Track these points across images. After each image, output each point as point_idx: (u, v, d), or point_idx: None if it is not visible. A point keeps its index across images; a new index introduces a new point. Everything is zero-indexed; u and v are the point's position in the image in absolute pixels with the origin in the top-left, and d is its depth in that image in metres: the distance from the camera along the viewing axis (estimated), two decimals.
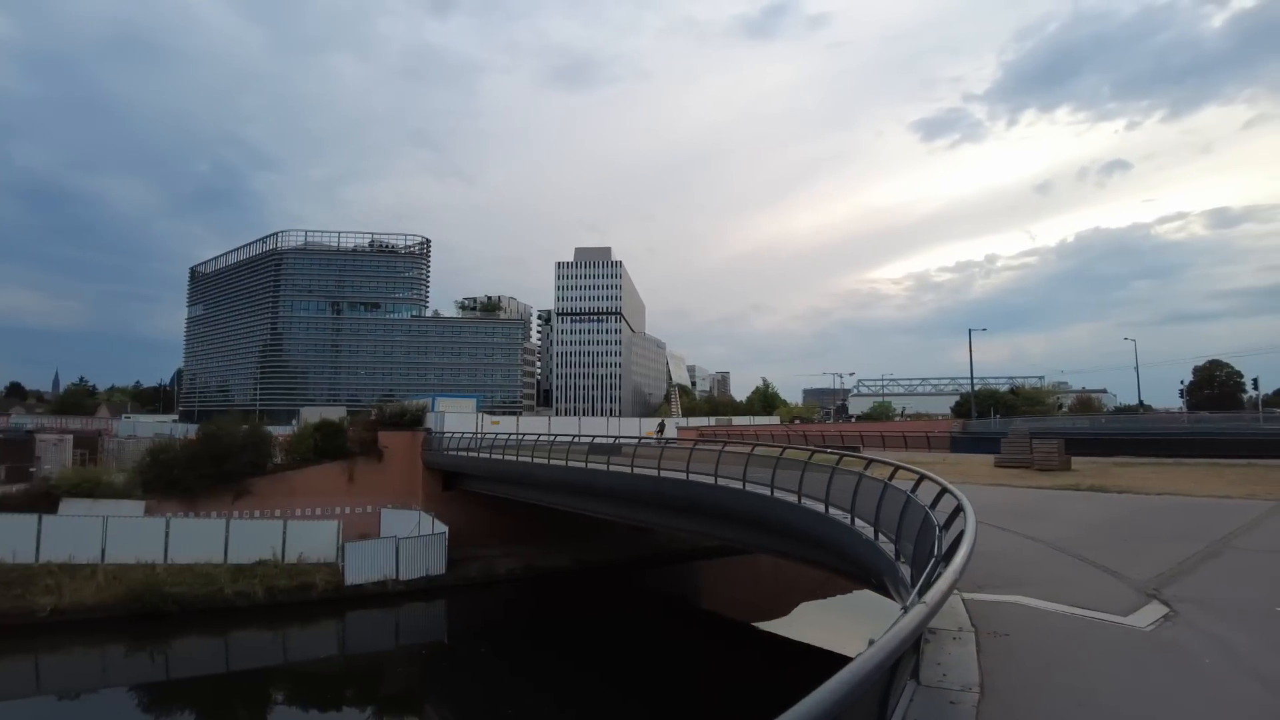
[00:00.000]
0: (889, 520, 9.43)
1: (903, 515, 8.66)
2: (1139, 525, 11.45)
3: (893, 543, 9.01)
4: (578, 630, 31.49)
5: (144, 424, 68.70)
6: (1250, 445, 30.98)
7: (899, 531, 8.73)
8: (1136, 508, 13.42)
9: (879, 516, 9.91)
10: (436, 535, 36.32)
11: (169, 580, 33.69)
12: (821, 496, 12.94)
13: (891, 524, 9.25)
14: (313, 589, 34.57)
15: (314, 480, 41.17)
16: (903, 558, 8.32)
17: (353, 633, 33.73)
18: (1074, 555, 8.89)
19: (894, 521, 9.09)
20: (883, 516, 9.74)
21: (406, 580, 35.36)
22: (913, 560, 7.50)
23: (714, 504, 17.71)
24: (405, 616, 34.72)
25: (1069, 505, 14.15)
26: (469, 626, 34.04)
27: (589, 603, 35.56)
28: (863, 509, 11.08)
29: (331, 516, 39.96)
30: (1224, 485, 15.94)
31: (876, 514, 10.00)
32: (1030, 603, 6.78)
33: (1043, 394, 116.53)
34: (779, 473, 15.19)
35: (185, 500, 38.82)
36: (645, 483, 20.57)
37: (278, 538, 36.53)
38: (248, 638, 32.62)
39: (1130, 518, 12.04)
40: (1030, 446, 23.00)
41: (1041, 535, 10.32)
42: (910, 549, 8.19)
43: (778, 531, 15.36)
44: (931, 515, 7.37)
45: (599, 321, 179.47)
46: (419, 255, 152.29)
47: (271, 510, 39.80)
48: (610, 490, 22.95)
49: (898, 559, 8.53)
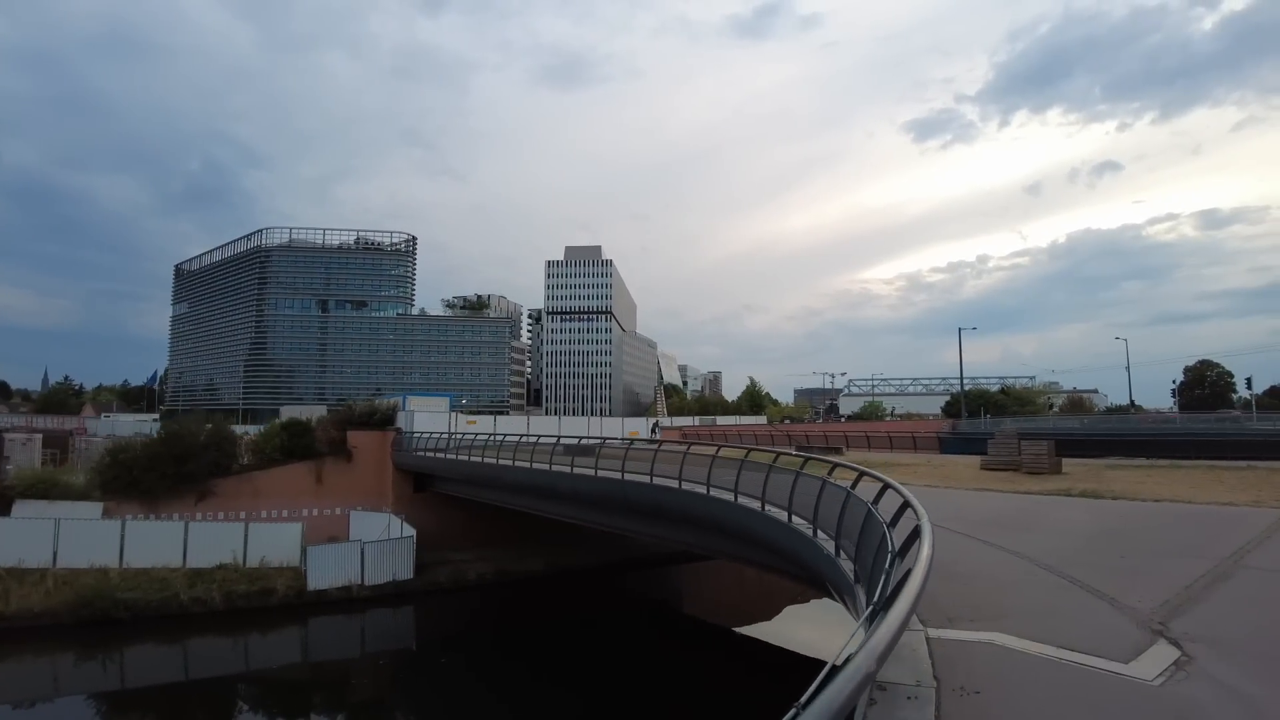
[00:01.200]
0: (850, 533, 8.17)
1: (862, 531, 7.40)
2: (1137, 538, 10.20)
3: (852, 561, 7.76)
4: (549, 638, 30.22)
5: (123, 423, 66.93)
6: (1246, 446, 29.93)
7: (857, 549, 7.48)
8: (1133, 517, 12.16)
9: (840, 529, 8.67)
10: (404, 539, 34.96)
11: (122, 585, 32.31)
12: (785, 503, 11.63)
13: (852, 537, 7.98)
14: (273, 594, 33.23)
15: (280, 481, 39.72)
16: (860, 581, 7.05)
17: (315, 640, 32.41)
18: (1064, 576, 7.64)
19: (854, 535, 7.83)
20: (844, 529, 8.49)
21: (372, 585, 34.02)
22: (867, 588, 6.23)
23: (679, 509, 16.46)
24: (370, 623, 33.37)
25: (1059, 513, 12.87)
26: (436, 634, 32.73)
27: (563, 609, 34.27)
28: (824, 519, 9.80)
29: (298, 519, 38.57)
30: (1225, 491, 14.72)
31: (838, 526, 8.78)
32: (1010, 643, 5.51)
33: (1033, 394, 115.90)
34: (744, 475, 13.89)
35: (146, 502, 37.36)
36: (609, 486, 19.31)
37: (239, 541, 35.13)
38: (204, 645, 31.29)
39: (1127, 529, 10.78)
40: (1019, 448, 21.76)
41: (1027, 550, 9.07)
42: (869, 565, 6.89)
43: (741, 539, 14.14)
44: (890, 536, 6.07)
45: (589, 321, 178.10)
46: (405, 253, 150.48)
47: (236, 512, 38.41)
48: (575, 493, 21.68)
49: (857, 582, 7.26)
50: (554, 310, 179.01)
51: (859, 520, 7.61)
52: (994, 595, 6.98)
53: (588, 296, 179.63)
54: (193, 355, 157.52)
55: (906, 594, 4.03)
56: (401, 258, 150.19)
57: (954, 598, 6.88)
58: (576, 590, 36.15)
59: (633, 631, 31.49)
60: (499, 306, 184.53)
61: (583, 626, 32.00)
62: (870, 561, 6.55)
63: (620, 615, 33.94)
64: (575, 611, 34.08)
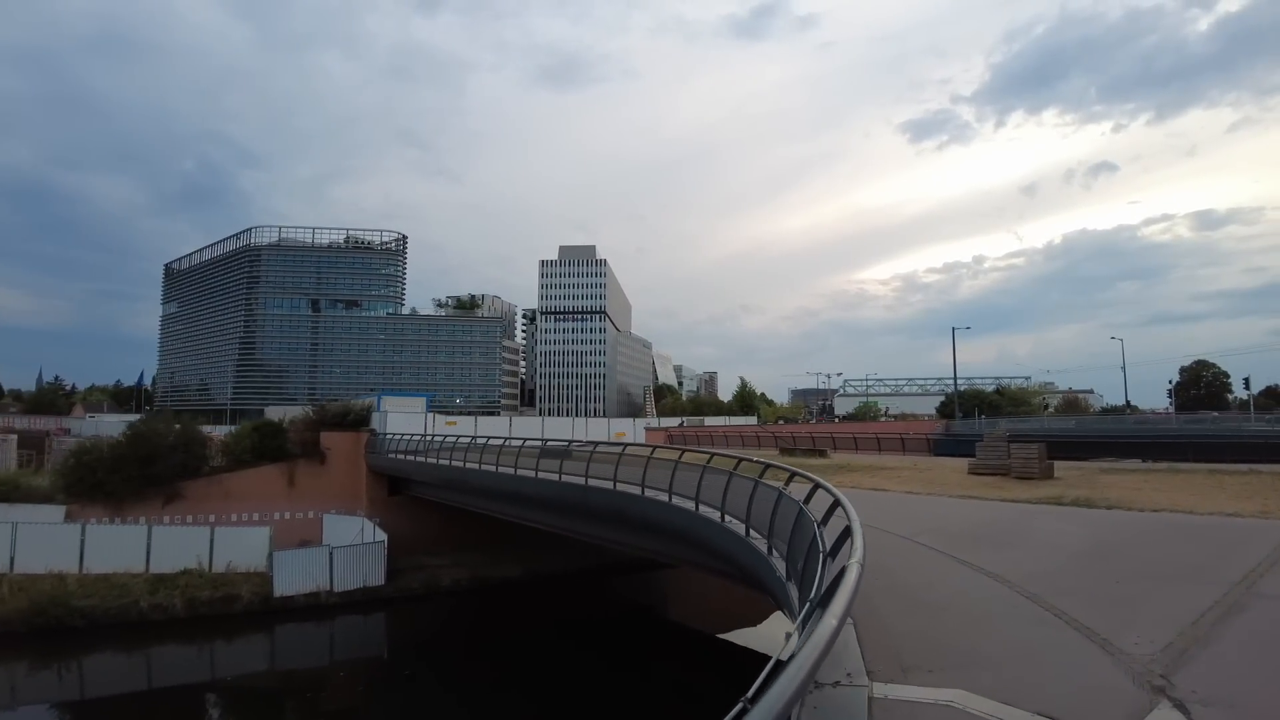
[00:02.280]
0: (782, 534, 7.15)
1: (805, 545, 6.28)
2: (1134, 556, 8.98)
3: (797, 586, 6.63)
4: (523, 646, 29.05)
5: (107, 423, 65.48)
6: (1246, 449, 28.83)
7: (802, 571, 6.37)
8: (1129, 530, 11.02)
9: (791, 547, 7.51)
10: (375, 544, 33.80)
11: (80, 592, 31.13)
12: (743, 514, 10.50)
13: (784, 540, 6.96)
14: (238, 601, 32.08)
15: (251, 483, 38.50)
16: (799, 603, 5.97)
17: (281, 648, 31.30)
18: (1049, 608, 6.49)
19: (787, 538, 6.82)
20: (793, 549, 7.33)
21: (342, 591, 32.83)
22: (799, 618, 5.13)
23: (640, 516, 15.30)
24: (339, 631, 32.21)
25: (1047, 525, 11.62)
26: (408, 642, 31.56)
27: (540, 615, 33.10)
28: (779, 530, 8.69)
29: (270, 522, 37.40)
30: (1229, 499, 13.54)
31: (790, 543, 7.60)
32: (975, 705, 4.34)
33: (1028, 394, 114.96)
34: (706, 481, 12.75)
35: (111, 505, 36.12)
36: (572, 492, 18.14)
37: (204, 545, 33.94)
38: (166, 654, 30.23)
39: (1122, 544, 9.62)
40: (1008, 451, 20.56)
41: (1009, 572, 7.91)
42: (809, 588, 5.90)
43: (703, 548, 12.98)
44: (820, 538, 4.90)
45: (583, 320, 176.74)
46: (396, 252, 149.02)
47: (206, 515, 37.20)
48: (539, 499, 20.53)
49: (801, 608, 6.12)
50: (547, 310, 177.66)
51: (805, 537, 6.50)
52: (964, 633, 5.84)
53: (582, 296, 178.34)
54: (183, 355, 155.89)
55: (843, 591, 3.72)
56: (392, 257, 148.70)
57: (916, 637, 5.73)
58: (555, 596, 34.98)
59: (612, 638, 30.34)
60: (493, 306, 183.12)
61: (559, 633, 30.87)
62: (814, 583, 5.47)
63: (600, 622, 32.77)
64: (553, 618, 32.92)
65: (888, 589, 7.38)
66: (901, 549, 9.65)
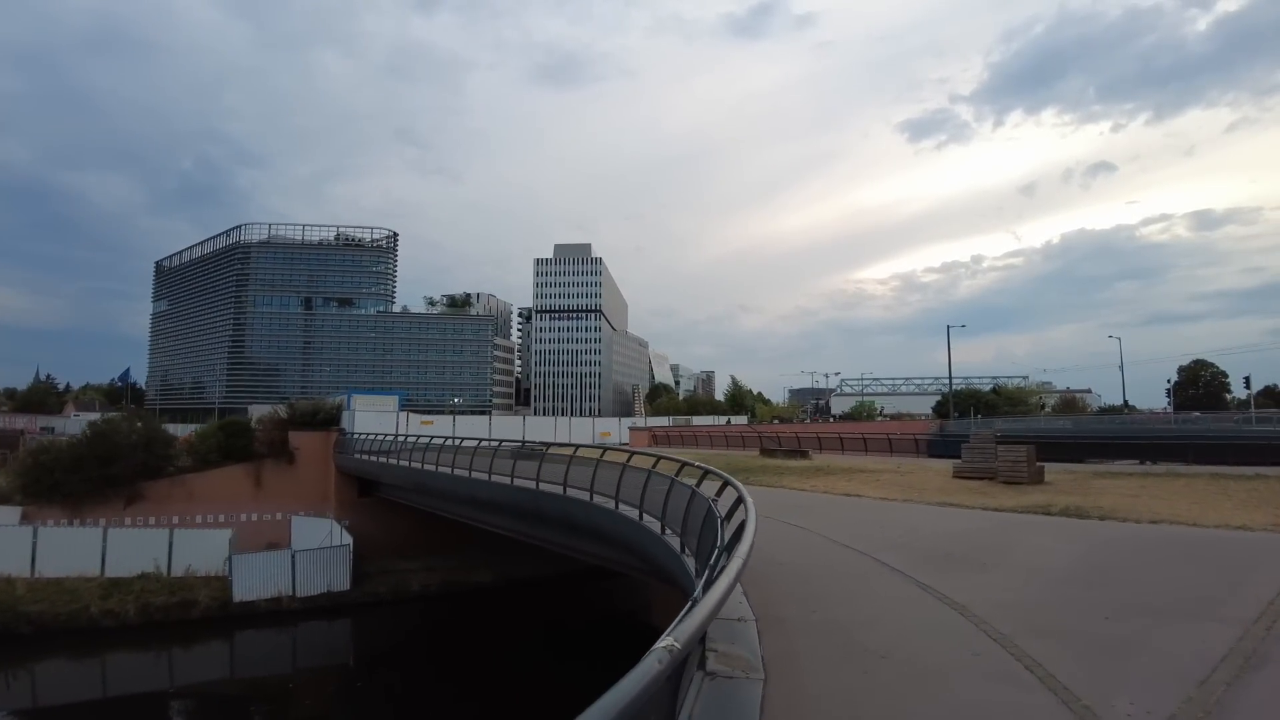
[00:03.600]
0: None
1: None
2: (1128, 581, 7.48)
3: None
4: (490, 655, 27.76)
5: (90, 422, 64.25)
6: (1248, 450, 27.49)
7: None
8: (1124, 546, 9.55)
9: (696, 537, 6.17)
10: (340, 547, 32.49)
11: (29, 597, 29.89)
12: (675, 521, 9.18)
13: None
14: (195, 606, 30.82)
15: (217, 484, 37.16)
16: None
17: (239, 656, 30.00)
18: (1019, 654, 5.08)
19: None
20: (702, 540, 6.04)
21: (304, 597, 31.48)
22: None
23: (589, 524, 13.95)
24: (301, 638, 30.87)
25: (1030, 540, 10.13)
26: (368, 651, 30.28)
27: (513, 623, 31.77)
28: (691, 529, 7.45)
29: (236, 524, 36.10)
30: (1235, 508, 12.09)
31: (699, 533, 6.26)
32: None
33: (1025, 394, 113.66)
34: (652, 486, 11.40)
35: (69, 506, 34.82)
36: (524, 497, 16.80)
37: (163, 548, 32.67)
38: (119, 662, 28.94)
39: (1115, 566, 8.17)
40: (995, 453, 19.16)
41: (976, 600, 6.52)
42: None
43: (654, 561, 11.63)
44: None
45: (578, 319, 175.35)
46: (387, 249, 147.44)
47: (169, 517, 35.89)
48: (494, 502, 19.19)
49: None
50: (543, 309, 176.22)
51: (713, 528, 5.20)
52: (901, 696, 4.47)
53: (577, 295, 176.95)
54: (174, 354, 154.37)
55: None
56: (383, 254, 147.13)
57: (836, 703, 4.35)
58: (531, 602, 33.62)
59: (588, 644, 28.95)
60: (489, 305, 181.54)
61: (532, 641, 29.58)
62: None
63: (576, 628, 31.38)
64: (526, 625, 31.60)
65: (822, 626, 6.01)
66: (855, 569, 8.28)
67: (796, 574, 7.88)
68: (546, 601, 33.73)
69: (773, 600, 6.85)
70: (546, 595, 34.06)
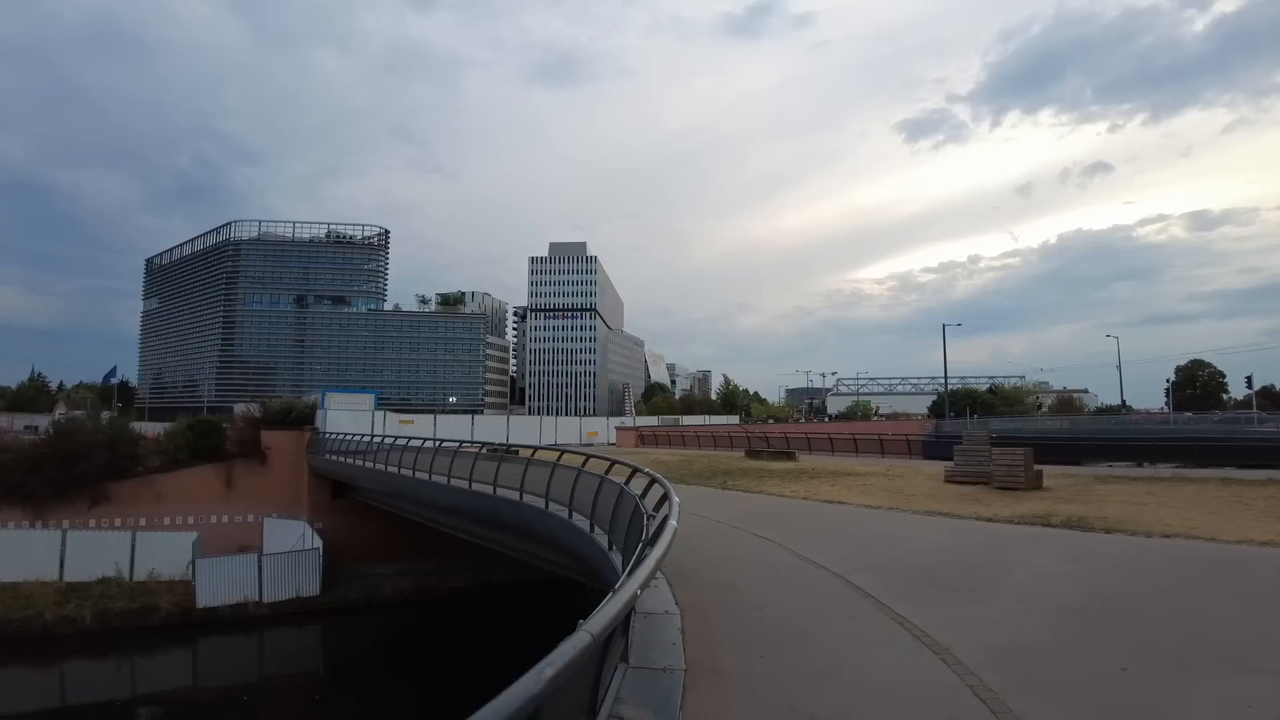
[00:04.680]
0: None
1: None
2: (1146, 616, 6.21)
3: None
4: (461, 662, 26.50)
5: None
6: (1254, 452, 26.36)
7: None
8: (1136, 568, 8.25)
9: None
10: (309, 551, 31.21)
11: None
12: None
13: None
14: (156, 612, 29.53)
15: (186, 485, 35.80)
16: None
17: (202, 664, 28.73)
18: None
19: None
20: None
21: (272, 602, 30.18)
22: None
23: (547, 532, 12.76)
24: (267, 645, 29.61)
25: (1028, 559, 8.80)
26: (336, 658, 29.03)
27: (489, 630, 30.47)
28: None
29: (205, 526, 34.82)
30: (1256, 520, 10.78)
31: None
32: None
33: (1022, 393, 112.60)
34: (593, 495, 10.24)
35: (31, 508, 33.45)
36: (482, 502, 15.59)
37: (125, 552, 31.42)
38: (74, 671, 27.69)
39: (1128, 594, 6.84)
40: (989, 456, 17.94)
41: (960, 640, 5.30)
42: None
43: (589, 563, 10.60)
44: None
45: (573, 318, 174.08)
46: (378, 246, 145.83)
47: (136, 519, 34.53)
48: (454, 507, 17.96)
49: None
50: (538, 307, 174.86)
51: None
52: None
53: (572, 294, 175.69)
54: (165, 352, 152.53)
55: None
56: (374, 251, 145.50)
57: None
58: (510, 608, 32.31)
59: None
60: (484, 304, 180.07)
61: (507, 648, 28.31)
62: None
63: (556, 635, 30.06)
64: (503, 632, 30.32)
65: (767, 681, 4.77)
66: (823, 596, 7.04)
67: (753, 603, 6.66)
68: (525, 608, 32.45)
69: (716, 639, 5.63)
70: (526, 601, 32.79)
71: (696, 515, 13.68)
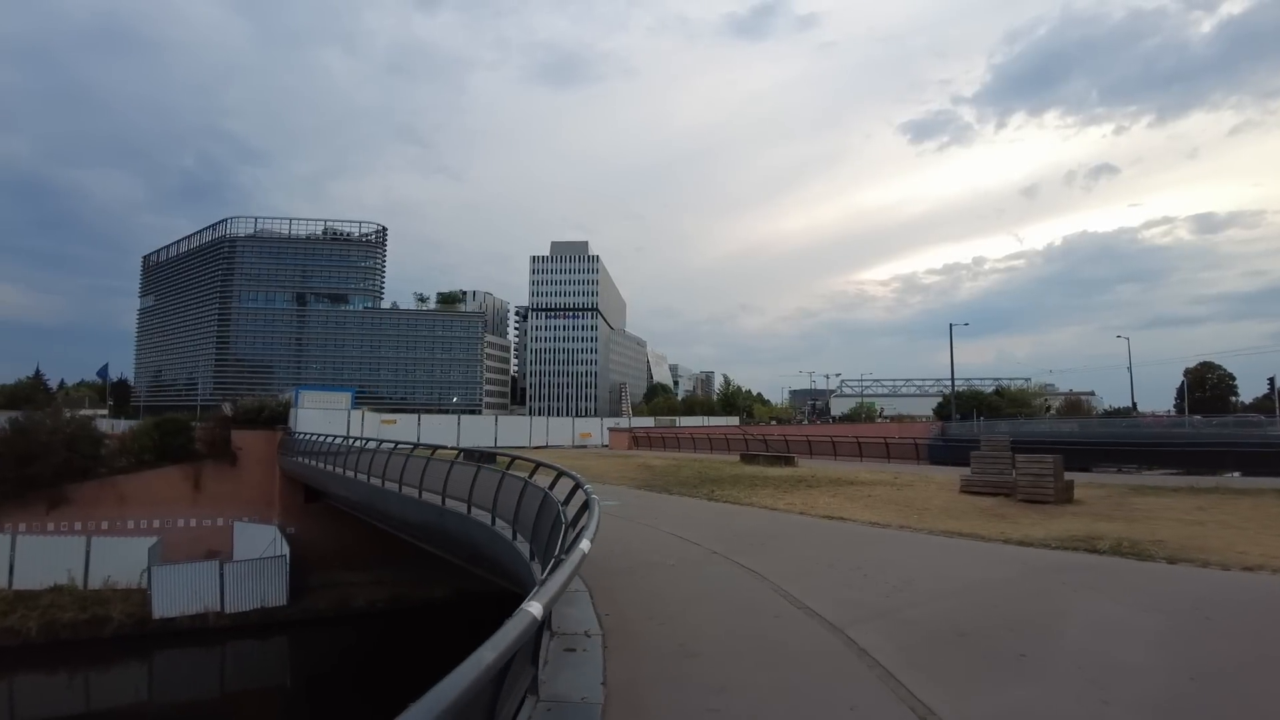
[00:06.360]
0: None
1: None
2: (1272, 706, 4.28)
3: None
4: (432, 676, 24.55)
5: None
6: None
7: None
8: (1231, 621, 6.10)
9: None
10: (276, 558, 29.37)
11: None
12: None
13: None
14: (108, 623, 27.70)
15: (152, 486, 33.92)
16: None
17: (157, 677, 26.98)
18: None
19: None
20: None
21: (234, 613, 28.34)
22: None
23: (490, 550, 10.84)
24: (228, 659, 27.83)
25: (1089, 608, 6.63)
26: (301, 673, 27.17)
27: (465, 642, 28.56)
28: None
29: (172, 530, 32.99)
30: None
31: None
32: None
33: (1029, 395, 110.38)
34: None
35: None
36: (431, 514, 13.65)
37: (79, 558, 29.56)
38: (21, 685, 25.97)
39: (1241, 668, 4.79)
40: (1011, 463, 15.85)
41: None
42: None
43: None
44: None
45: (575, 318, 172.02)
46: (375, 244, 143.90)
47: (98, 523, 32.65)
48: (404, 520, 16.02)
49: None
50: (539, 307, 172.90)
51: None
52: None
53: (574, 293, 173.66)
54: (162, 349, 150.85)
55: None
56: (371, 249, 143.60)
57: None
58: (488, 619, 30.41)
59: None
60: (485, 303, 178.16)
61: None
62: None
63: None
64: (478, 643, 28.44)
65: None
66: (814, 667, 5.01)
67: (713, 684, 4.67)
68: (506, 618, 30.59)
69: None
70: (508, 611, 30.93)
71: (671, 536, 11.69)
